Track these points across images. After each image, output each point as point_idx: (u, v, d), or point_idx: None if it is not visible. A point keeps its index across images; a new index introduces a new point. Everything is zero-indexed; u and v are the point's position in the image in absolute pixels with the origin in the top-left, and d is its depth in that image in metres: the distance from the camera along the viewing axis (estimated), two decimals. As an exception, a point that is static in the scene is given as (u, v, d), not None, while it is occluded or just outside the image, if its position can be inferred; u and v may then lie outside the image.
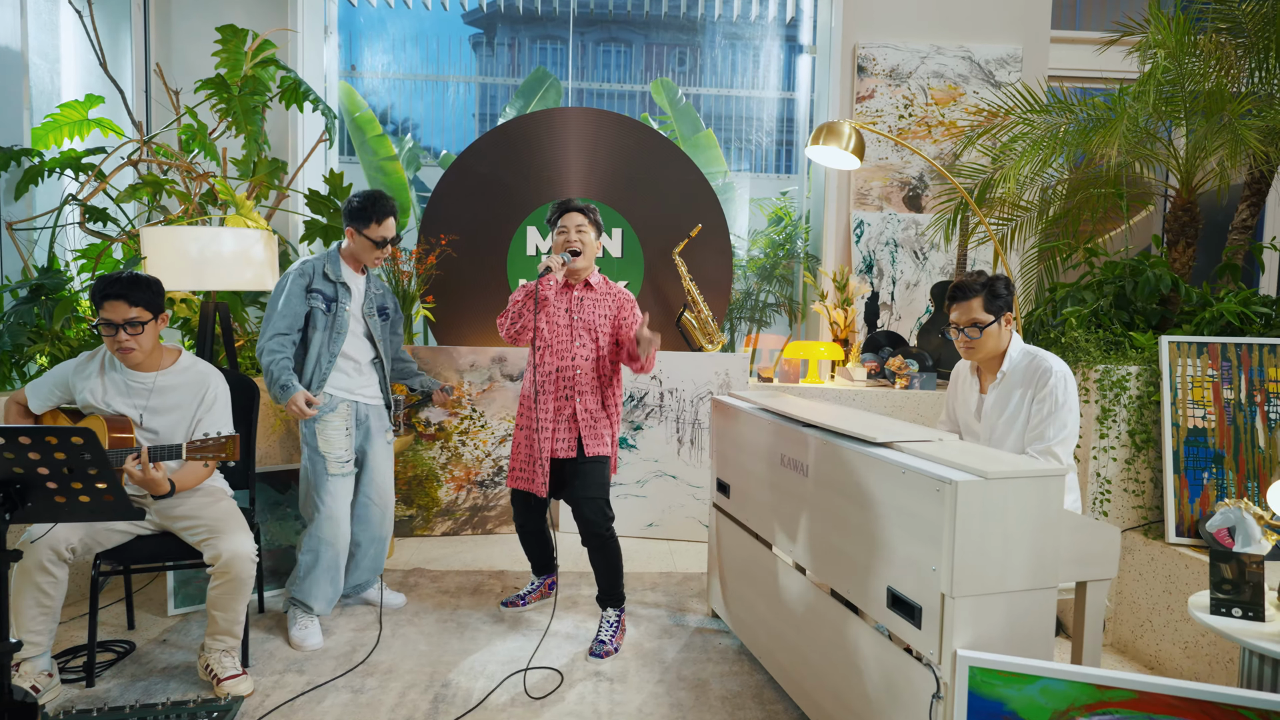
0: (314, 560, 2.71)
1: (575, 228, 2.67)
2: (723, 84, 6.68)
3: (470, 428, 3.85)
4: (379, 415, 2.86)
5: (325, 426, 2.71)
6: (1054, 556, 1.57)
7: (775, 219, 5.50)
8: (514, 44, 6.91)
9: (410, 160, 5.34)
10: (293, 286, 2.69)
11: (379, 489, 2.86)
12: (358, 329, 2.77)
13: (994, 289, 2.27)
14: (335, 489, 2.70)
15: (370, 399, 2.82)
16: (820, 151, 2.92)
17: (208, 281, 2.85)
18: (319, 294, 2.69)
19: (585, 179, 4.11)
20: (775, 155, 6.00)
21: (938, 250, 4.28)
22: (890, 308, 4.25)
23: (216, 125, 3.45)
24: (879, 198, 4.36)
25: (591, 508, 2.62)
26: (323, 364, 2.69)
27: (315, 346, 2.69)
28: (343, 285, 2.72)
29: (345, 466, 2.72)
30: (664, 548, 3.74)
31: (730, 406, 2.67)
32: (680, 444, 3.85)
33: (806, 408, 2.36)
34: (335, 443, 2.71)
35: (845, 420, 2.10)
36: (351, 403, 2.76)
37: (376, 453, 2.84)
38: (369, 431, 2.82)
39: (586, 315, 2.72)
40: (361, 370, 2.78)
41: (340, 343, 2.71)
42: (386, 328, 2.90)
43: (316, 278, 2.71)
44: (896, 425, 2.03)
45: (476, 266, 4.08)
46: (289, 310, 2.66)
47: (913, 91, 4.32)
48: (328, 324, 2.70)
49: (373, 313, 2.81)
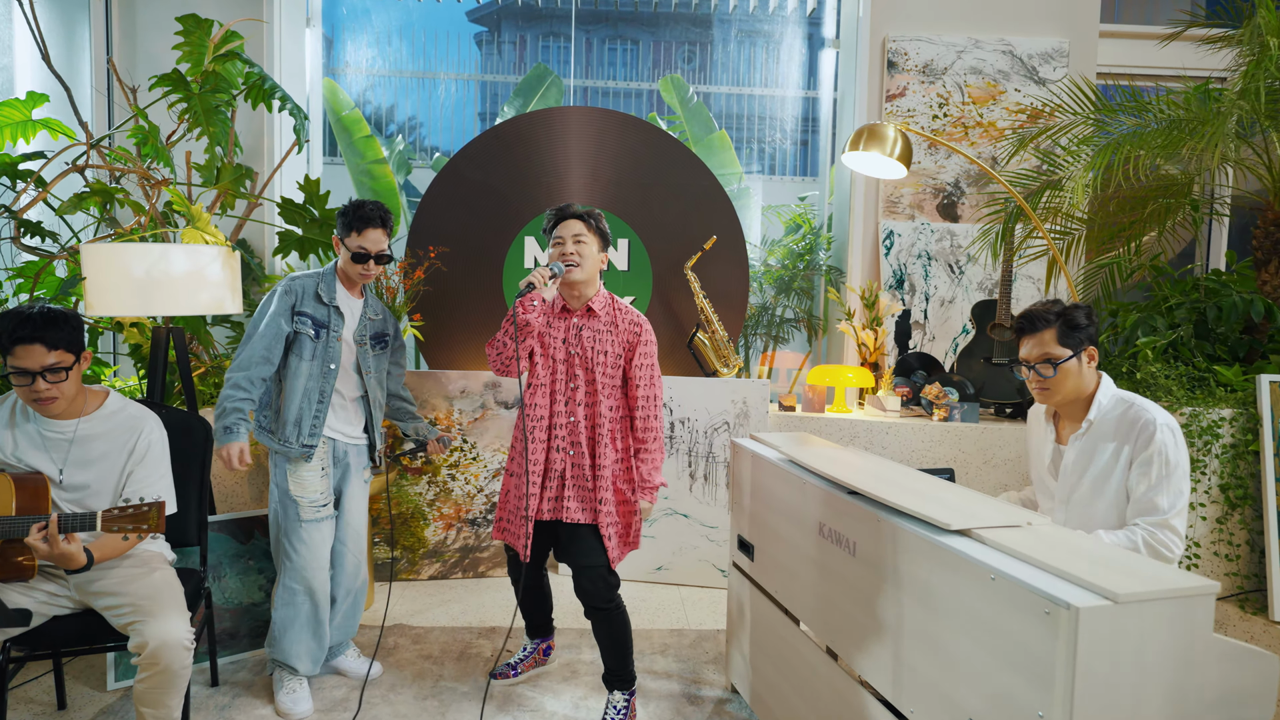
0: (292, 615, 2.39)
1: (573, 237, 2.25)
2: (736, 81, 6.31)
3: (461, 460, 3.49)
4: (359, 452, 2.53)
5: (298, 467, 2.37)
6: (1198, 698, 1.20)
7: (793, 226, 5.12)
8: (519, 41, 6.54)
9: (401, 164, 4.98)
10: (278, 306, 2.34)
11: (354, 533, 2.53)
12: (348, 360, 2.44)
13: (1071, 319, 1.89)
14: (310, 536, 2.37)
15: (352, 438, 2.49)
16: (859, 158, 2.53)
17: (155, 305, 2.49)
18: (307, 318, 2.35)
19: (588, 184, 3.74)
20: (793, 157, 5.63)
21: (975, 264, 3.89)
22: (923, 327, 3.87)
23: (177, 127, 3.09)
24: (910, 206, 3.98)
25: (591, 578, 2.24)
26: (312, 402, 2.36)
27: (301, 379, 2.35)
28: (335, 309, 2.39)
29: (321, 510, 2.40)
30: (674, 595, 3.37)
31: (754, 455, 2.29)
32: (692, 479, 3.48)
33: (847, 465, 1.98)
34: (310, 485, 2.38)
35: (900, 490, 1.73)
36: (329, 440, 2.43)
37: (353, 494, 2.52)
38: (347, 470, 2.49)
39: (586, 350, 2.28)
40: (345, 406, 2.46)
41: (333, 378, 2.40)
42: (383, 358, 2.56)
43: (306, 298, 2.37)
44: (970, 499, 1.66)
45: (469, 282, 3.71)
46: (270, 333, 2.32)
47: (948, 89, 3.93)
48: (316, 353, 2.36)
49: (364, 340, 2.46)
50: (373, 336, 2.49)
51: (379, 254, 2.39)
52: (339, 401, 2.44)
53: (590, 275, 2.29)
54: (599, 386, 2.27)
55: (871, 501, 1.70)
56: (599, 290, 2.34)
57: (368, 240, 2.37)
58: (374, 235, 2.38)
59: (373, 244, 2.38)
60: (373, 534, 3.41)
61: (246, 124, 3.70)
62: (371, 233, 2.38)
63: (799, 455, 2.10)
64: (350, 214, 2.38)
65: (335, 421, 2.44)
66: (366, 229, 2.37)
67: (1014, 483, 3.24)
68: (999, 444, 3.24)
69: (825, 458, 2.07)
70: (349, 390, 2.46)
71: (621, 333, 2.31)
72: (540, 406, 2.31)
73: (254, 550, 2.76)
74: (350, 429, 2.48)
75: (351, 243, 2.37)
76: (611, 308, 2.34)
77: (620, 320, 2.32)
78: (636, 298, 3.76)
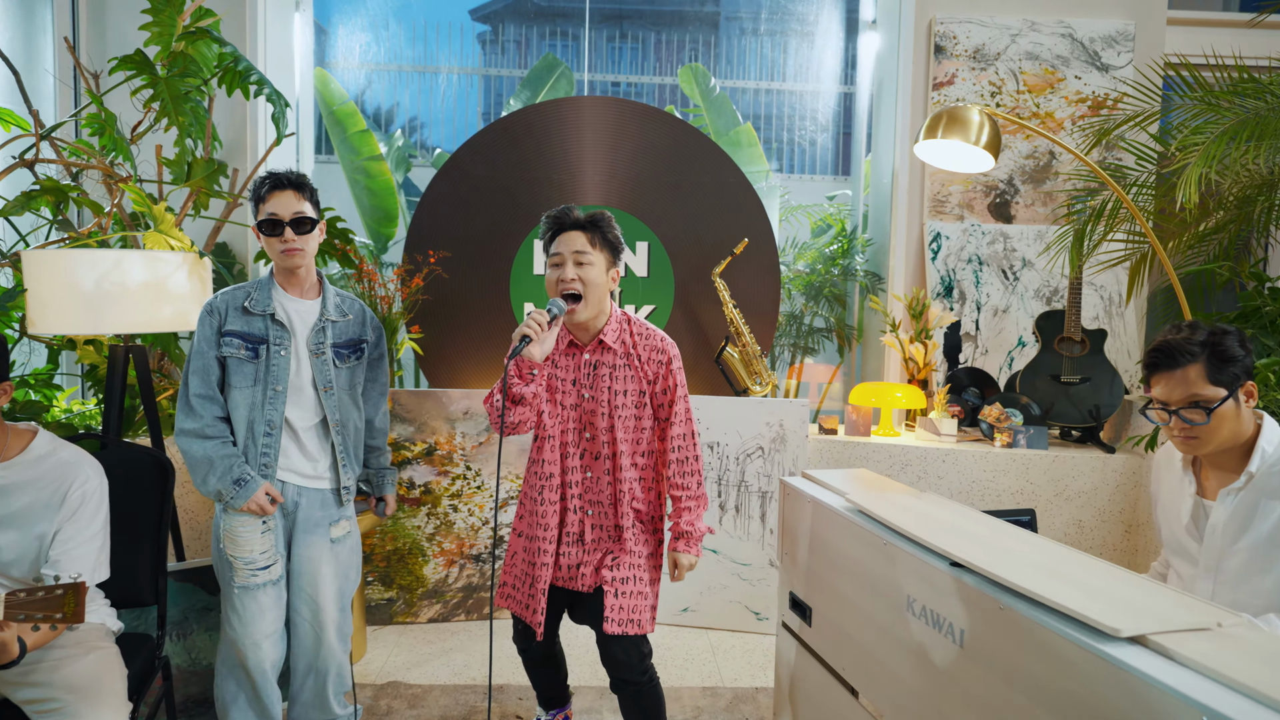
0: (232, 694, 2.03)
1: (574, 255, 1.84)
2: (757, 75, 5.95)
3: (463, 489, 3.13)
4: (320, 502, 2.05)
5: (232, 518, 1.97)
6: None
7: (821, 227, 4.75)
8: (523, 41, 6.20)
9: (400, 161, 4.63)
10: (199, 335, 1.99)
11: (311, 603, 2.04)
12: (301, 376, 2.00)
13: (1222, 349, 1.52)
14: (244, 606, 1.97)
15: (307, 478, 2.03)
16: (935, 149, 2.16)
17: (107, 323, 2.14)
18: (235, 337, 1.96)
19: (604, 182, 3.39)
20: (821, 154, 5.26)
21: (1031, 269, 3.52)
22: (974, 339, 3.50)
23: (144, 116, 2.74)
24: (959, 205, 3.61)
25: (623, 647, 1.89)
26: (258, 436, 1.97)
27: (242, 410, 1.97)
28: (270, 318, 1.99)
29: (260, 575, 1.97)
30: (703, 641, 3.00)
31: (812, 501, 1.93)
32: (722, 510, 3.11)
33: (938, 522, 1.62)
34: (245, 542, 1.96)
35: (1027, 567, 1.36)
36: (276, 484, 2.00)
37: (311, 554, 2.03)
38: (298, 523, 2.03)
39: (602, 392, 1.90)
40: (298, 437, 2.01)
41: (282, 402, 1.98)
42: (357, 370, 2.11)
43: (231, 314, 1.98)
44: (1124, 582, 1.28)
45: (473, 289, 3.36)
46: (200, 366, 1.96)
47: (1001, 76, 3.57)
48: (258, 375, 1.97)
49: (322, 349, 2.02)
50: (337, 345, 2.06)
51: (294, 218, 1.96)
52: (289, 432, 2.00)
53: (599, 306, 1.89)
54: (617, 436, 1.90)
55: (989, 581, 1.33)
56: (611, 314, 1.93)
57: (275, 203, 1.95)
58: (281, 198, 1.96)
59: (282, 207, 1.95)
60: (366, 571, 3.05)
61: (227, 116, 3.35)
62: (279, 195, 1.96)
63: (872, 506, 1.73)
64: (255, 186, 2.01)
65: (282, 456, 2.01)
66: (271, 193, 1.97)
67: (1090, 519, 2.87)
68: (1072, 473, 2.87)
69: (906, 509, 1.71)
70: (302, 416, 2.01)
71: (644, 364, 1.92)
72: (549, 463, 1.94)
73: (226, 602, 2.41)
74: (304, 466, 2.02)
75: (260, 215, 1.97)
76: (627, 334, 1.94)
77: (639, 348, 1.93)
78: (657, 307, 3.40)
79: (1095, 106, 3.55)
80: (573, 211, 1.90)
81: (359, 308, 2.15)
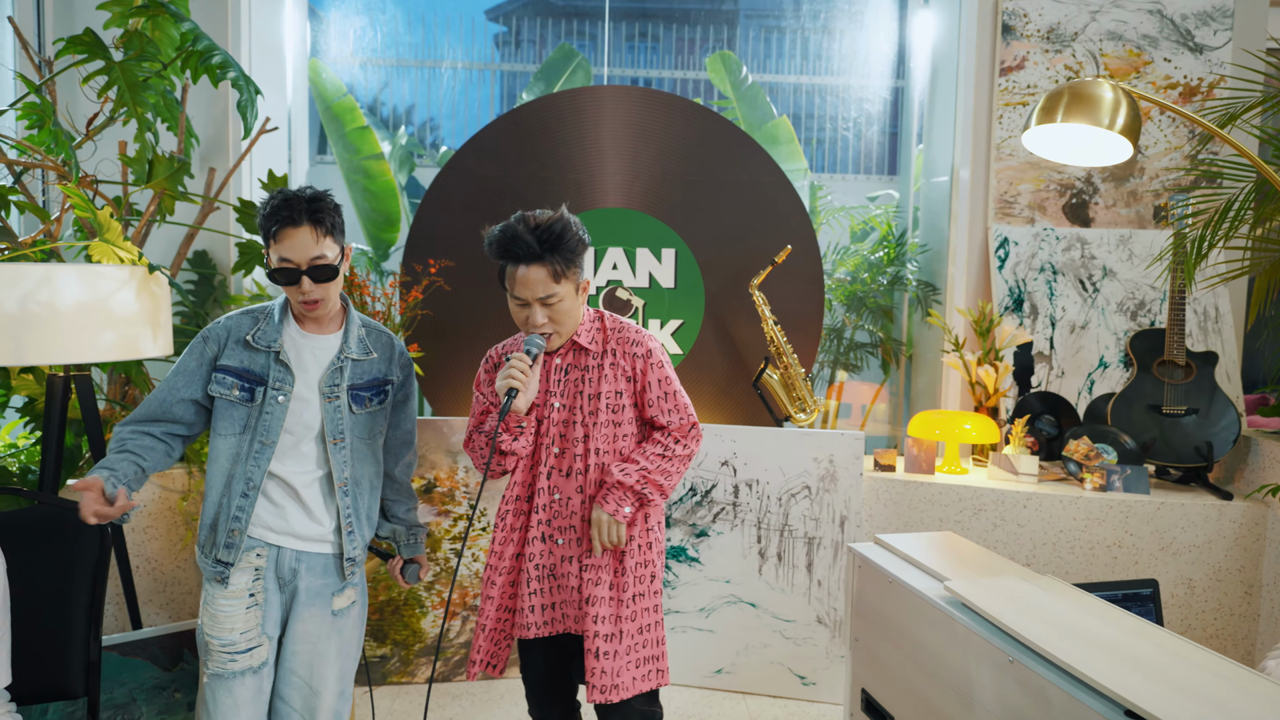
0: None
1: (537, 297, 1.59)
2: (786, 69, 5.55)
3: (468, 531, 2.74)
4: (323, 568, 1.69)
5: (214, 592, 1.64)
6: None
7: (863, 231, 4.34)
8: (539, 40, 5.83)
9: (404, 160, 4.27)
10: (181, 363, 1.64)
11: (304, 690, 1.69)
12: (305, 424, 1.66)
13: None
14: (218, 699, 1.62)
15: (308, 542, 1.68)
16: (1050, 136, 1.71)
17: (32, 352, 1.78)
18: (230, 374, 1.62)
19: (626, 182, 3.00)
20: (860, 150, 4.85)
21: (1113, 278, 3.09)
22: (1048, 360, 3.07)
23: (101, 107, 2.38)
24: (1030, 206, 3.18)
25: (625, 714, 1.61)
26: (234, 494, 1.62)
27: (222, 463, 1.63)
28: (275, 357, 1.64)
29: (238, 660, 1.62)
30: (739, 709, 2.60)
31: (891, 580, 1.52)
32: (762, 559, 2.71)
33: (1084, 627, 1.21)
34: (225, 620, 1.62)
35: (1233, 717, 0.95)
36: (268, 548, 1.66)
37: (310, 630, 1.68)
38: (297, 595, 1.68)
39: (575, 399, 1.67)
40: (298, 495, 1.67)
41: (267, 458, 1.63)
42: (378, 417, 1.75)
43: (230, 345, 1.63)
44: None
45: (478, 303, 2.98)
46: (165, 392, 1.63)
47: (1079, 59, 3.13)
48: (248, 423, 1.62)
49: (336, 392, 1.66)
50: (356, 387, 1.70)
51: (314, 265, 1.58)
52: (283, 491, 1.66)
53: (575, 326, 1.68)
54: (593, 447, 1.64)
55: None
56: (583, 318, 1.71)
57: (289, 246, 1.56)
58: (295, 238, 1.56)
59: (296, 250, 1.56)
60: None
61: (206, 110, 2.99)
62: (290, 235, 1.56)
63: (986, 603, 1.32)
64: (262, 215, 1.60)
65: (278, 518, 1.66)
66: (285, 230, 1.56)
67: (1203, 578, 2.43)
68: (1181, 523, 2.44)
69: (1030, 610, 1.30)
70: (303, 471, 1.67)
71: (620, 360, 1.68)
72: (518, 484, 1.69)
73: (182, 679, 2.04)
74: (306, 528, 1.67)
75: (271, 257, 1.60)
76: (599, 333, 1.70)
77: (614, 344, 1.69)
78: (685, 322, 3.00)
79: (1187, 93, 3.11)
80: (521, 237, 1.57)
81: (385, 341, 1.78)
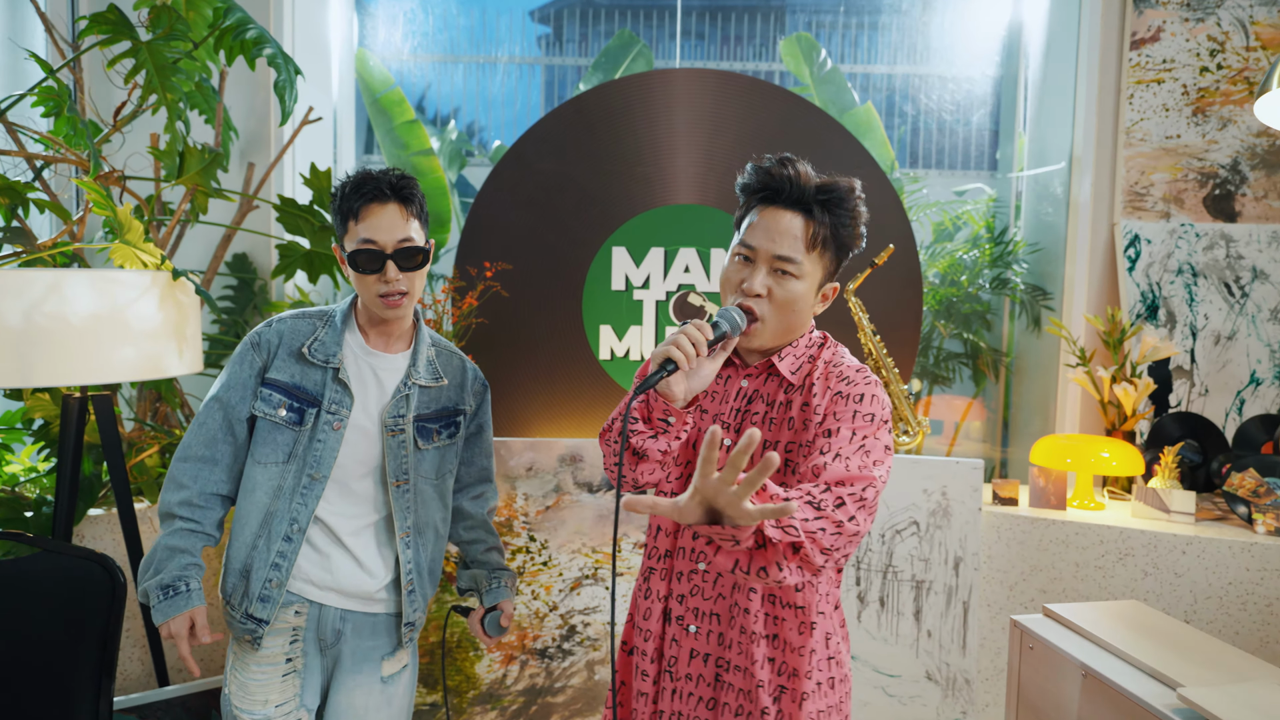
0: None
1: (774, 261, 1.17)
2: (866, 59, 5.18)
3: (526, 566, 2.46)
4: (371, 629, 1.44)
5: (245, 654, 1.39)
6: None
7: (951, 228, 3.95)
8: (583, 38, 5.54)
9: (454, 157, 4.02)
10: (230, 374, 1.39)
11: None
12: (363, 459, 1.39)
13: None
14: None
15: (357, 600, 1.42)
16: None
17: (40, 373, 1.53)
18: (278, 391, 1.36)
19: (700, 175, 2.69)
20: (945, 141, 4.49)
21: (1265, 281, 2.67)
22: (1189, 375, 2.66)
23: (130, 94, 2.16)
24: (1164, 199, 2.77)
25: None
26: (275, 538, 1.36)
27: (259, 496, 1.37)
28: (333, 375, 1.37)
29: None
30: (836, 778, 2.26)
31: (1077, 666, 1.17)
32: (862, 604, 2.37)
33: None
34: (256, 690, 1.37)
35: None
36: (308, 605, 1.40)
37: (356, 702, 1.43)
38: (340, 660, 1.43)
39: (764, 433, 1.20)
40: (342, 543, 1.40)
41: (316, 496, 1.36)
42: (448, 453, 1.49)
43: (281, 355, 1.38)
44: None
45: (538, 310, 2.70)
46: (211, 422, 1.37)
47: (1224, 29, 2.72)
48: (294, 450, 1.36)
49: (401, 424, 1.40)
50: (423, 418, 1.44)
51: (402, 248, 1.34)
52: (327, 538, 1.40)
53: (792, 332, 1.22)
54: None
55: None
56: (808, 333, 1.25)
57: (373, 225, 1.33)
58: (381, 215, 1.34)
59: (383, 230, 1.33)
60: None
61: (246, 101, 2.77)
62: (376, 211, 1.33)
63: (1216, 708, 0.97)
64: (341, 194, 1.37)
65: (321, 569, 1.40)
66: (369, 206, 1.34)
67: None
68: (1380, 578, 2.03)
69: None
70: (356, 515, 1.41)
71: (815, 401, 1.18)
72: (660, 546, 1.28)
73: (207, 743, 1.79)
74: (356, 583, 1.41)
75: (350, 239, 1.36)
76: (809, 363, 1.23)
77: (819, 376, 1.20)
78: (768, 332, 2.67)
79: (1356, 65, 2.67)
80: (797, 180, 1.22)
81: (458, 364, 1.51)
